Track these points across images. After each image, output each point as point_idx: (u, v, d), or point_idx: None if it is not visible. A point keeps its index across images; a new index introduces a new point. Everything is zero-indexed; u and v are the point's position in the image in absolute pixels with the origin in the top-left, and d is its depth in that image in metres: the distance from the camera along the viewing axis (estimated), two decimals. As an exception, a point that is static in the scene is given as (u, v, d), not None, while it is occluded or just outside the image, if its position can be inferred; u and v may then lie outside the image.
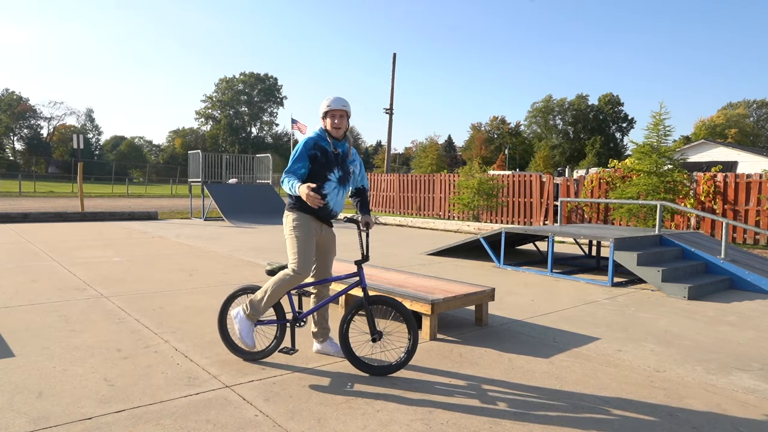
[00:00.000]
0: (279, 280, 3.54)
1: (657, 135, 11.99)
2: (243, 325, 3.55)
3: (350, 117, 3.73)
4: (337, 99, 3.67)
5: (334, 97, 3.70)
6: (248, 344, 3.54)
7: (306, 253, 3.56)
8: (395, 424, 2.83)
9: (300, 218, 3.62)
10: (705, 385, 3.53)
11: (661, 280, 6.52)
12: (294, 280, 3.53)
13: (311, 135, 3.71)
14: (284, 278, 3.53)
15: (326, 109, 3.65)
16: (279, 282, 3.54)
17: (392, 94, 30.94)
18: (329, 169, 3.62)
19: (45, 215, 14.83)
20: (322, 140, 3.66)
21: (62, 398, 3.03)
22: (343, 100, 3.67)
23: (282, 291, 3.55)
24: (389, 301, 3.57)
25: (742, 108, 76.08)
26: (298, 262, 3.53)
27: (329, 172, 3.62)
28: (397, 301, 3.56)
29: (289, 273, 3.53)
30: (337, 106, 3.64)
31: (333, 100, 3.66)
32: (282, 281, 3.54)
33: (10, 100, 77.29)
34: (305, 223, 3.62)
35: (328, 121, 3.67)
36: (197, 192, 17.69)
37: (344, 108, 3.66)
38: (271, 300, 3.56)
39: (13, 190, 33.71)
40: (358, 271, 3.67)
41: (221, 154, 17.73)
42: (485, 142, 78.88)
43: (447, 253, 9.38)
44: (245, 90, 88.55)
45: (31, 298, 5.49)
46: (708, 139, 38.25)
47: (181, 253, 8.98)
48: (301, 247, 3.56)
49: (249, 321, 3.57)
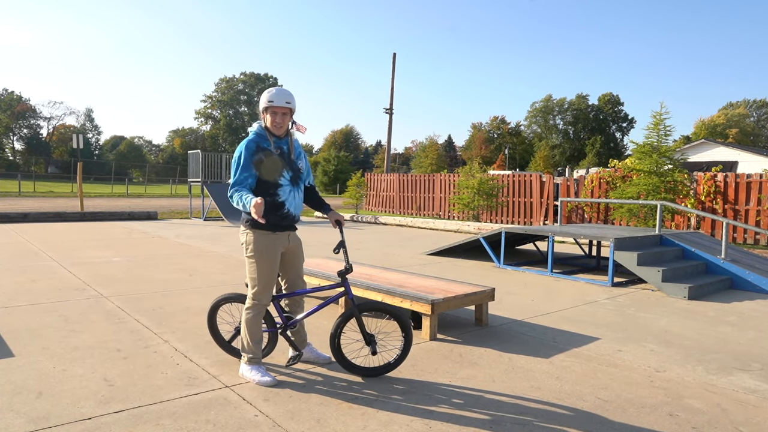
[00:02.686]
0: (248, 320, 3.34)
1: (657, 135, 11.99)
2: (253, 374, 3.34)
3: (295, 113, 3.38)
4: (279, 93, 3.30)
5: (276, 89, 3.33)
6: (269, 383, 3.29)
7: (266, 280, 3.31)
8: (395, 424, 2.83)
9: (259, 239, 3.29)
10: (705, 385, 3.52)
11: (662, 280, 6.52)
12: (256, 309, 3.33)
13: (250, 137, 3.34)
14: (250, 315, 3.33)
15: (267, 105, 3.28)
16: (248, 321, 3.34)
17: (392, 93, 30.95)
18: (278, 173, 3.32)
19: (44, 215, 14.82)
20: (263, 140, 3.32)
21: (62, 398, 3.03)
22: (287, 94, 3.31)
23: (257, 325, 3.36)
24: (379, 306, 3.53)
25: (743, 108, 76.11)
26: (257, 291, 3.31)
27: (279, 176, 3.32)
28: (385, 304, 3.51)
29: (250, 308, 3.33)
30: (279, 102, 3.27)
31: (275, 94, 3.29)
32: (251, 319, 3.34)
33: (9, 99, 77.36)
34: (265, 244, 3.30)
35: (269, 118, 3.31)
36: (197, 192, 17.69)
37: (288, 105, 3.29)
38: (253, 337, 3.36)
39: (12, 190, 33.70)
40: (343, 283, 3.47)
41: (221, 154, 17.72)
42: (485, 142, 78.83)
43: (447, 253, 9.37)
44: (245, 90, 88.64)
45: (31, 298, 5.48)
46: (708, 139, 38.22)
47: (181, 253, 8.98)
48: (261, 273, 3.29)
49: (254, 365, 3.38)
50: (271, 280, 3.35)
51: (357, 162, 71.86)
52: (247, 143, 3.30)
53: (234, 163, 3.30)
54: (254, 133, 3.37)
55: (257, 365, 3.39)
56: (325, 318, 4.90)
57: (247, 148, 3.28)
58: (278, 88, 3.36)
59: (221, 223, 15.29)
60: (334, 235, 12.24)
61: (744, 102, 78.49)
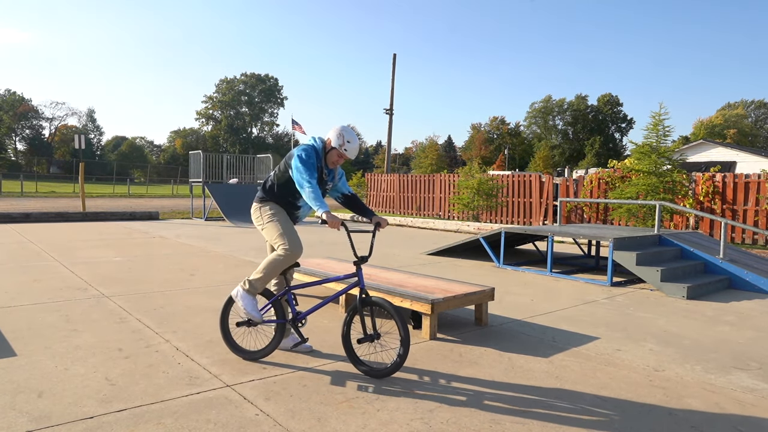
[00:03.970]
0: (272, 261, 3.61)
1: (656, 135, 12.00)
2: (246, 300, 3.63)
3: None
4: (355, 145, 3.67)
5: (355, 140, 3.68)
6: (255, 316, 3.60)
7: (291, 232, 3.64)
8: (395, 423, 2.85)
9: (274, 207, 3.72)
10: (704, 385, 3.54)
11: (660, 280, 6.53)
12: (287, 259, 3.59)
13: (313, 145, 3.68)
14: (277, 258, 3.60)
15: (340, 150, 3.65)
16: (272, 262, 3.61)
17: (392, 94, 30.95)
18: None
19: (46, 215, 14.85)
20: (318, 159, 3.67)
21: (63, 397, 3.05)
22: (358, 147, 3.72)
23: (276, 271, 3.63)
24: (378, 302, 3.55)
25: (741, 108, 76.08)
26: (287, 242, 3.59)
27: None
28: (385, 301, 3.49)
29: (281, 254, 3.59)
30: (351, 155, 3.68)
31: (352, 146, 3.66)
32: (275, 261, 3.60)
33: (12, 100, 77.37)
34: (279, 208, 3.71)
35: (334, 155, 3.69)
36: (198, 192, 17.71)
37: (354, 157, 3.75)
38: (266, 279, 3.63)
39: (14, 190, 33.74)
40: (357, 272, 3.64)
41: (222, 155, 17.75)
42: (485, 143, 78.83)
43: (447, 253, 9.39)
44: (246, 90, 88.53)
45: (33, 297, 5.50)
46: (707, 140, 38.22)
47: (182, 253, 9.00)
48: (285, 228, 3.64)
49: (250, 295, 3.65)
50: (293, 233, 3.65)
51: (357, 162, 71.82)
52: (312, 150, 3.63)
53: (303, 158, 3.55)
54: (314, 148, 3.67)
55: (253, 297, 3.65)
56: (325, 317, 4.92)
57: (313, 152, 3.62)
58: (355, 138, 3.74)
59: (222, 223, 15.31)
60: (334, 234, 12.25)
61: (742, 102, 78.49)
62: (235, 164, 19.03)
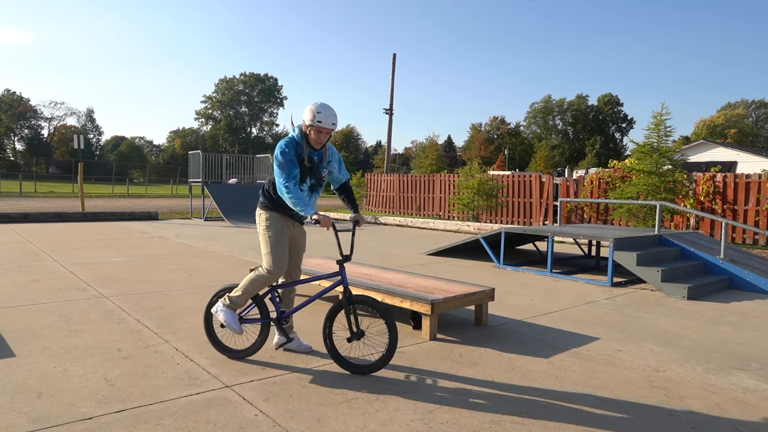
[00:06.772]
0: (253, 279, 3.62)
1: (658, 135, 12.00)
2: (226, 315, 3.63)
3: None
4: (327, 114, 3.47)
5: (326, 109, 3.49)
6: (236, 329, 3.62)
7: (278, 251, 3.61)
8: (395, 424, 2.84)
9: (272, 217, 3.67)
10: (704, 385, 3.53)
11: (661, 280, 6.53)
12: (269, 278, 3.59)
13: (288, 140, 3.54)
14: (258, 276, 3.60)
15: (313, 123, 3.47)
16: (253, 281, 3.62)
17: (392, 94, 30.95)
18: (302, 179, 3.61)
19: (45, 215, 14.84)
20: (299, 149, 3.56)
21: (62, 398, 3.04)
22: (334, 115, 3.50)
23: (257, 288, 3.63)
24: (367, 300, 3.54)
25: (741, 108, 76.09)
26: (270, 261, 3.59)
27: (302, 183, 3.62)
28: (373, 299, 3.51)
29: (262, 273, 3.60)
30: (327, 124, 3.47)
31: (324, 115, 3.46)
32: (256, 279, 3.60)
33: (10, 100, 77.30)
34: (277, 221, 3.66)
35: (312, 133, 3.52)
36: (197, 192, 17.70)
37: (333, 126, 3.52)
38: (247, 296, 3.64)
39: (13, 190, 33.72)
40: (340, 270, 3.61)
41: (221, 155, 17.74)
42: (485, 143, 78.82)
43: (447, 253, 9.38)
44: (245, 90, 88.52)
45: (32, 298, 5.49)
46: (707, 140, 38.28)
47: (182, 253, 8.99)
48: (274, 246, 3.61)
49: (230, 311, 3.65)
50: (282, 253, 3.62)
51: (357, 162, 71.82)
52: (291, 142, 3.53)
53: (279, 158, 3.48)
54: (292, 139, 3.57)
55: (233, 313, 3.66)
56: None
57: (293, 146, 3.52)
58: (326, 107, 3.51)
59: (221, 223, 15.30)
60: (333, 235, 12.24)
61: (743, 102, 78.46)
62: (234, 164, 19.02)
